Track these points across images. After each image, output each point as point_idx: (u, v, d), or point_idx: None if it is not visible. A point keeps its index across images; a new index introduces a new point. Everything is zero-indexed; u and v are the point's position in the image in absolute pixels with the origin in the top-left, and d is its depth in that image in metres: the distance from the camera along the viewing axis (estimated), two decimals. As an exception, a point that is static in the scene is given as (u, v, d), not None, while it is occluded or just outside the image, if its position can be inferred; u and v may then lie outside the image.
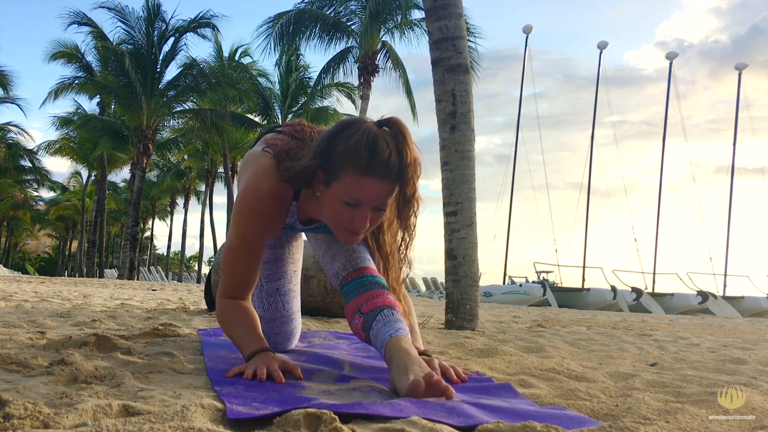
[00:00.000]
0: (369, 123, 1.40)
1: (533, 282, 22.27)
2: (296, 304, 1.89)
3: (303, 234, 1.97)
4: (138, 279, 23.07)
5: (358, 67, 18.46)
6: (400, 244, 1.59)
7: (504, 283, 22.43)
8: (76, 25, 20.68)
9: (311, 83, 23.46)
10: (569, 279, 24.69)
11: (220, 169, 30.64)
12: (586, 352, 2.41)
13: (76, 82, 22.40)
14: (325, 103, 23.71)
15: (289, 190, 1.51)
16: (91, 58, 22.63)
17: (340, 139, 1.37)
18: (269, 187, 1.48)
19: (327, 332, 2.56)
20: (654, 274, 24.81)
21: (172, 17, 23.83)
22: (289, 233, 1.84)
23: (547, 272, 23.97)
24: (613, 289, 18.68)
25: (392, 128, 1.39)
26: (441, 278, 17.35)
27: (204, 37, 21.59)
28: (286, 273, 1.85)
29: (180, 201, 40.24)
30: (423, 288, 26.51)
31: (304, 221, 1.65)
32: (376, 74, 18.37)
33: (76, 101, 26.62)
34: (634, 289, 19.37)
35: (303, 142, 1.53)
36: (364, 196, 1.37)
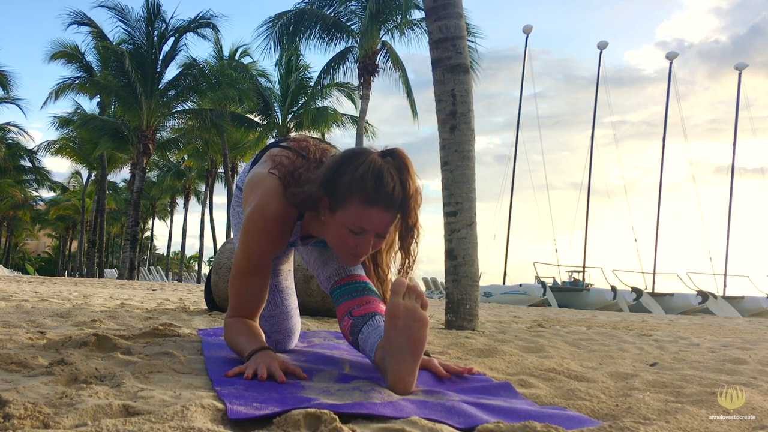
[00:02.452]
0: (374, 154, 1.44)
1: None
2: (293, 300, 1.92)
3: None
4: (138, 279, 23.06)
5: (358, 67, 18.46)
6: (401, 269, 1.62)
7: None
8: (76, 25, 20.69)
9: (311, 83, 23.46)
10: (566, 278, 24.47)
11: (220, 169, 30.63)
12: (586, 352, 2.41)
13: (76, 82, 22.41)
14: (325, 103, 23.74)
15: (294, 212, 1.55)
16: (91, 58, 22.67)
17: (347, 169, 1.42)
18: (276, 209, 1.52)
19: (327, 332, 2.56)
20: (654, 274, 24.81)
21: (172, 17, 23.91)
22: None
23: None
24: (613, 289, 18.68)
25: (396, 159, 1.44)
26: (441, 278, 17.34)
27: (204, 37, 21.58)
28: (282, 270, 1.88)
29: (180, 201, 40.25)
30: (423, 288, 26.46)
31: (303, 236, 1.69)
32: (376, 74, 18.38)
33: (76, 101, 26.65)
34: (634, 289, 19.37)
35: (308, 162, 1.57)
36: (369, 225, 1.42)
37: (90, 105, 28.19)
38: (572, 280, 22.97)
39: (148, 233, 47.69)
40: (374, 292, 1.61)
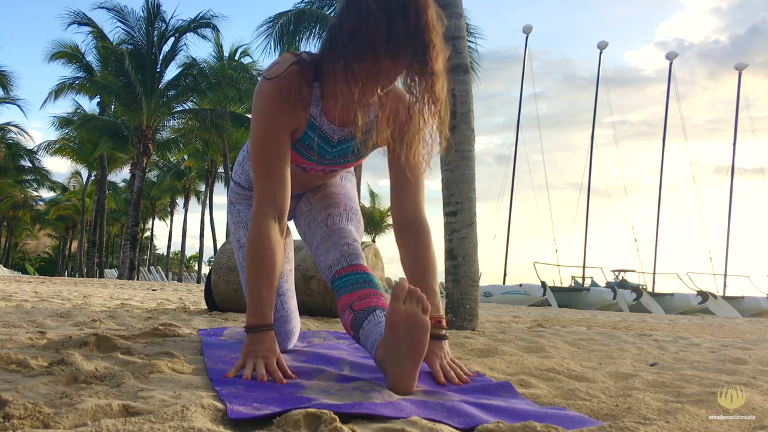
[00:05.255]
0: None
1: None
2: (293, 303, 1.90)
3: (296, 232, 1.98)
4: (138, 279, 23.06)
5: (358, 67, 18.45)
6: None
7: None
8: (76, 25, 20.76)
9: (311, 83, 23.41)
10: (568, 279, 24.37)
11: (220, 169, 30.63)
12: (586, 352, 2.41)
13: (76, 82, 22.43)
14: (325, 103, 23.67)
15: (309, 70, 1.49)
16: (91, 58, 22.71)
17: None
18: (291, 66, 1.47)
19: (327, 332, 2.56)
20: (654, 274, 24.81)
21: (172, 17, 24.01)
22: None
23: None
24: (613, 289, 18.69)
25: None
26: (441, 278, 17.32)
27: (204, 37, 21.62)
28: (283, 272, 1.85)
29: (180, 201, 40.25)
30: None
31: (333, 122, 1.60)
32: (376, 74, 18.36)
33: (76, 101, 26.67)
34: (634, 289, 19.38)
35: None
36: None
37: (90, 105, 28.29)
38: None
39: (148, 233, 47.68)
40: (376, 285, 1.56)
